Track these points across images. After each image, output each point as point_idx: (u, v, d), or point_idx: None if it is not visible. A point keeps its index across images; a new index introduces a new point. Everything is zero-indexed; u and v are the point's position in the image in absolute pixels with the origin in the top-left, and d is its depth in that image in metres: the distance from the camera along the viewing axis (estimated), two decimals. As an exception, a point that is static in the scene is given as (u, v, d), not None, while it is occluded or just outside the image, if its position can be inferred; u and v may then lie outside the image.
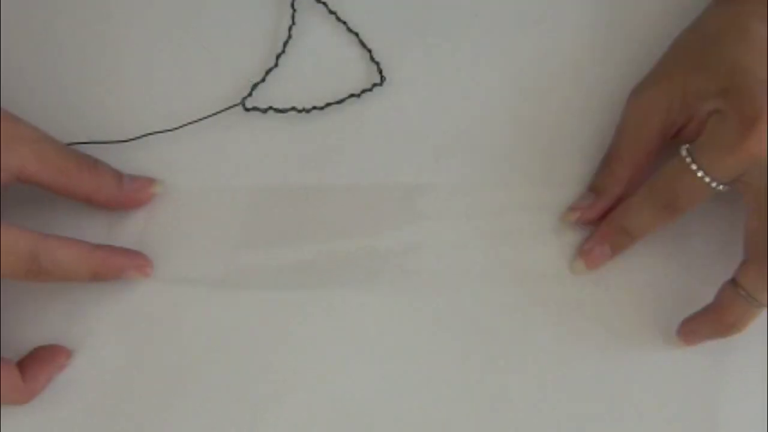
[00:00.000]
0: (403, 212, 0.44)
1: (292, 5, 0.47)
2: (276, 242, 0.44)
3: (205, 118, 0.44)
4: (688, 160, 0.41)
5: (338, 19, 0.47)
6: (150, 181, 0.44)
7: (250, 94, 0.45)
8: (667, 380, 0.43)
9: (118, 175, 0.43)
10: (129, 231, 0.43)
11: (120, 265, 0.42)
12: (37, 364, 0.41)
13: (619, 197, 0.44)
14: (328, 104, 0.45)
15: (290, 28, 0.46)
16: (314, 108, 0.45)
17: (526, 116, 0.46)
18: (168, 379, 0.42)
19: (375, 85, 0.46)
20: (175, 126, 0.44)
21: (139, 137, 0.44)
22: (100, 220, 0.43)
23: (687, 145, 0.41)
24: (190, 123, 0.44)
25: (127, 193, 0.43)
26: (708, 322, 0.42)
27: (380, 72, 0.46)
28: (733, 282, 0.41)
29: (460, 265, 0.44)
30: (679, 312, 0.43)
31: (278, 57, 0.46)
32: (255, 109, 0.45)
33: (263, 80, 0.46)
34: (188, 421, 0.42)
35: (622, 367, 0.43)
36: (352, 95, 0.46)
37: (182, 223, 0.44)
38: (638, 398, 0.43)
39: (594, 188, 0.44)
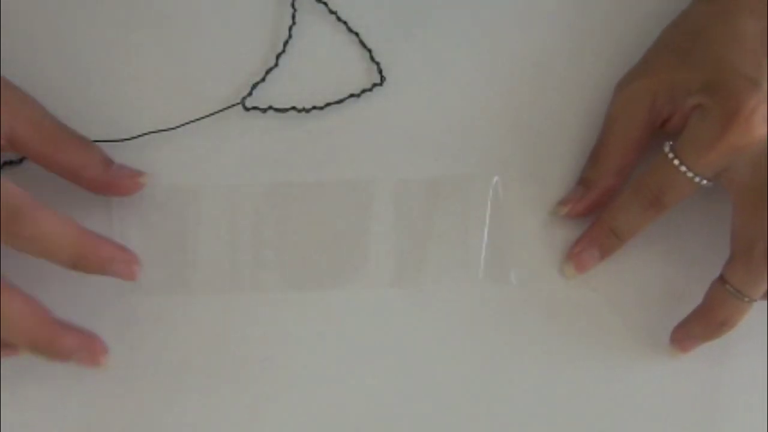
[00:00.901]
0: (402, 211, 0.44)
1: (293, 5, 0.47)
2: (276, 241, 0.44)
3: (205, 117, 0.44)
4: (671, 155, 0.41)
5: (338, 19, 0.47)
6: (139, 172, 0.43)
7: (250, 94, 0.45)
8: (662, 380, 0.43)
9: (108, 159, 0.42)
10: (128, 229, 0.43)
11: (108, 255, 0.39)
12: (74, 329, 0.39)
13: (609, 189, 0.43)
14: (328, 104, 0.45)
15: (290, 28, 0.46)
16: (314, 108, 0.45)
17: (525, 116, 0.46)
18: (168, 379, 0.42)
19: (375, 85, 0.46)
20: (174, 125, 0.44)
21: (139, 136, 0.44)
22: (100, 216, 0.43)
23: (670, 142, 0.41)
24: (189, 122, 0.44)
25: (113, 178, 0.42)
26: (699, 324, 0.42)
27: (380, 72, 0.46)
28: (721, 279, 0.41)
29: (459, 264, 0.44)
30: (672, 310, 0.43)
31: (278, 57, 0.46)
32: (255, 108, 0.45)
33: (263, 80, 0.46)
34: (188, 421, 0.42)
35: (617, 367, 0.43)
36: (352, 95, 0.46)
37: (181, 221, 0.44)
38: (634, 398, 0.43)
39: (583, 181, 0.44)
